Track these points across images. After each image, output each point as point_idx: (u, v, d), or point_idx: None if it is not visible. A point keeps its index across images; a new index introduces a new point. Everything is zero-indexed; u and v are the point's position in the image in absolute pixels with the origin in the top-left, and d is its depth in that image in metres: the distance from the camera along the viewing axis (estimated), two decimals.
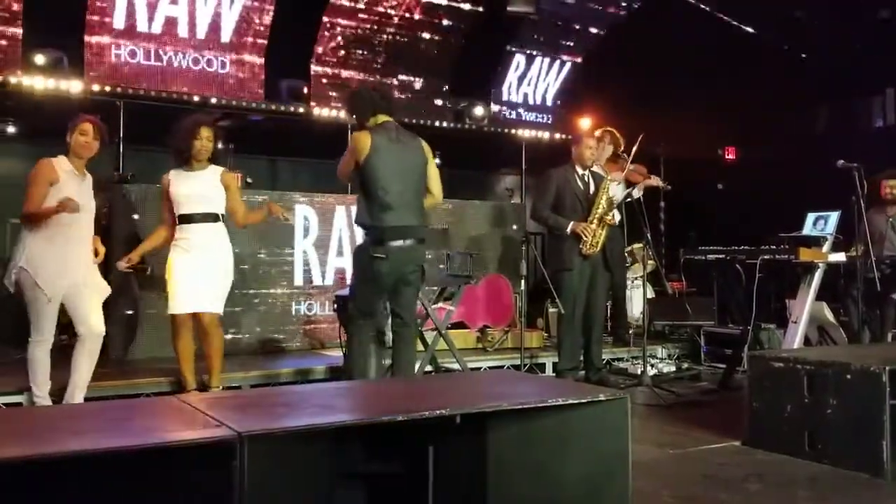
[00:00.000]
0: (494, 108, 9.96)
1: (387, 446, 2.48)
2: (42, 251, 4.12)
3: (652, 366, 6.18)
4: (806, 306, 5.75)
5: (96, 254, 4.37)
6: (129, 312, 5.88)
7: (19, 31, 7.53)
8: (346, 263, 6.65)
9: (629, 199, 6.10)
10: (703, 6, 9.60)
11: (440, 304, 5.68)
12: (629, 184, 6.30)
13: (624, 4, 10.15)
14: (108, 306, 4.56)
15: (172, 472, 1.96)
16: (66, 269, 4.15)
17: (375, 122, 4.36)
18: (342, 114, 8.15)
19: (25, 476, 1.80)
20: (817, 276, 5.73)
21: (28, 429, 2.17)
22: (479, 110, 9.27)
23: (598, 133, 6.37)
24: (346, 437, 2.34)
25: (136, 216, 5.90)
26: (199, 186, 4.61)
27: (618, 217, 5.77)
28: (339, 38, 9.16)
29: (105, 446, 1.93)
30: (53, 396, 4.35)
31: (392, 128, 4.35)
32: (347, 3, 9.03)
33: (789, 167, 8.65)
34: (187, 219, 4.57)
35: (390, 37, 9.40)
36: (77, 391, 4.29)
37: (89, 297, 4.27)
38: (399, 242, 4.23)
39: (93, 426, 2.21)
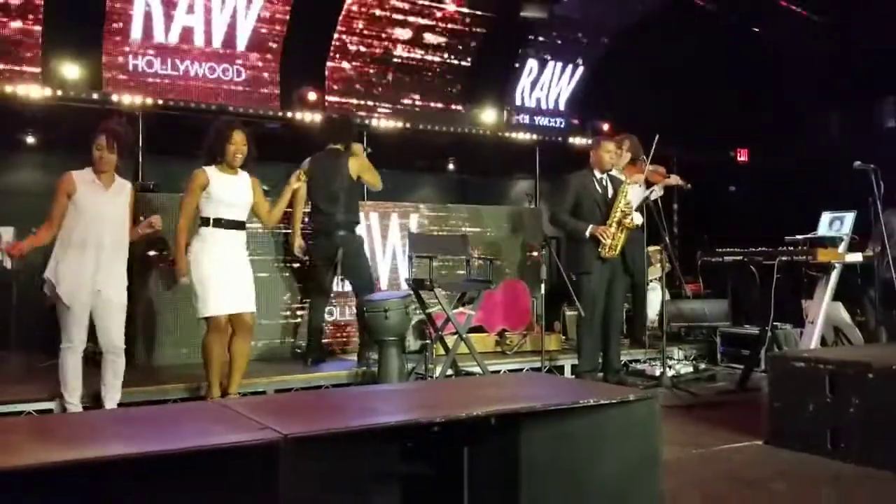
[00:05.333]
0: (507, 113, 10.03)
1: (423, 448, 2.53)
2: (61, 259, 4.20)
3: (669, 367, 6.21)
4: (822, 307, 5.77)
5: (151, 225, 4.41)
6: (149, 317, 5.93)
7: (38, 46, 7.65)
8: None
9: (649, 201, 6.11)
10: (711, 8, 9.65)
11: (460, 309, 5.73)
12: (649, 185, 6.31)
13: (637, 9, 10.19)
14: (130, 312, 4.59)
15: (218, 473, 2.01)
16: (83, 276, 4.19)
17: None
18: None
19: (77, 481, 1.85)
20: (834, 277, 5.75)
21: (77, 434, 2.22)
22: (490, 115, 9.36)
23: (618, 138, 6.41)
24: (384, 439, 2.39)
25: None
26: (235, 192, 4.59)
27: (639, 219, 5.80)
28: (350, 54, 9.30)
29: (153, 450, 1.99)
30: (86, 403, 4.42)
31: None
32: (357, 29, 9.23)
33: (803, 169, 8.67)
34: (219, 223, 4.52)
35: (400, 59, 9.60)
36: (107, 400, 4.36)
37: (112, 310, 4.31)
38: None
39: (140, 431, 2.27)
